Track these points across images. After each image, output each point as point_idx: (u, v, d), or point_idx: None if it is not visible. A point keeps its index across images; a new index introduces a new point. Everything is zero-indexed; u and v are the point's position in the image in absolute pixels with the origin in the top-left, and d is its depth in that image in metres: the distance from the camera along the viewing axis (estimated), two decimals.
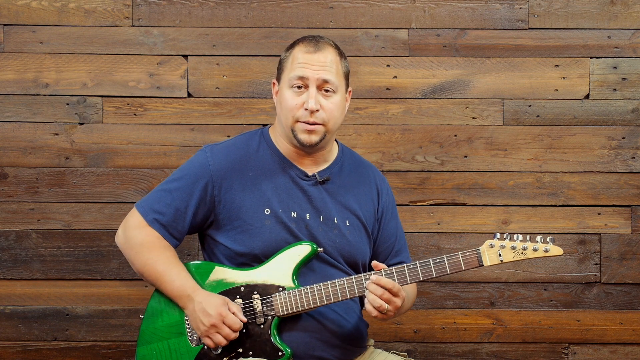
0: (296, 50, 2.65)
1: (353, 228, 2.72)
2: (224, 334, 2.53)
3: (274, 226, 2.64)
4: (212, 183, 2.67)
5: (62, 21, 3.45)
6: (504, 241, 2.52)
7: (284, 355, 2.56)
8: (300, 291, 2.57)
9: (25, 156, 3.45)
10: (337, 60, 2.66)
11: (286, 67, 2.66)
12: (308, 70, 2.61)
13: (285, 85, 2.65)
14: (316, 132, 2.63)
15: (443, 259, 2.54)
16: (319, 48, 2.63)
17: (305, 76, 2.61)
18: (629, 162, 3.47)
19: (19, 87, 3.44)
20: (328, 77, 2.62)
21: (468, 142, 3.47)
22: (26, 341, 3.47)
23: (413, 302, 2.82)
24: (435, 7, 3.47)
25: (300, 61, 2.62)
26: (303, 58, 2.62)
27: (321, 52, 2.63)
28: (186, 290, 2.59)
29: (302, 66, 2.62)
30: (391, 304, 2.51)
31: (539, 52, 3.47)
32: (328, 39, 2.69)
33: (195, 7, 3.45)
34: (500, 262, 2.52)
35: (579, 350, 3.49)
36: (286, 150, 2.71)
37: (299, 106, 2.62)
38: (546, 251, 2.51)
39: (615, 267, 3.47)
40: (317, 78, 2.61)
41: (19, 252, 3.45)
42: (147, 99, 3.46)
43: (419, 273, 2.54)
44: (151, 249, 2.66)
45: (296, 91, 2.62)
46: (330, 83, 2.62)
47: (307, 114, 2.61)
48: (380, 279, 2.51)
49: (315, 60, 2.62)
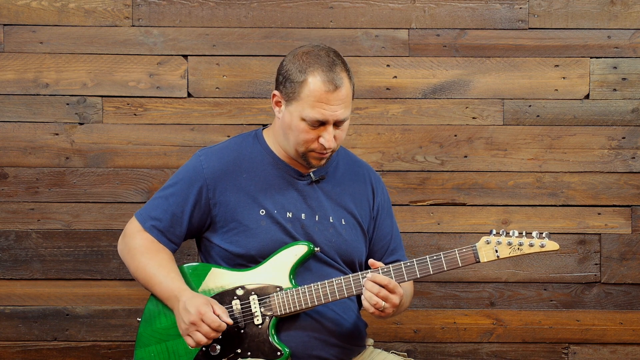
0: (313, 83, 2.54)
1: (349, 227, 2.72)
2: (203, 331, 2.51)
3: (270, 227, 2.64)
4: (206, 186, 2.67)
5: (62, 21, 3.45)
6: (500, 237, 2.51)
7: (283, 355, 2.56)
8: (298, 291, 2.57)
9: (25, 156, 3.45)
10: (350, 89, 2.58)
11: (299, 97, 2.56)
12: (328, 113, 2.54)
13: (297, 115, 2.57)
14: (327, 157, 2.63)
15: (440, 256, 2.54)
16: (336, 84, 2.53)
17: (326, 120, 2.55)
18: (629, 162, 3.47)
19: (19, 87, 3.45)
20: (345, 115, 2.57)
21: (468, 142, 3.47)
22: (26, 341, 3.47)
23: (411, 301, 2.82)
24: (435, 7, 3.47)
25: (319, 100, 2.53)
26: (322, 98, 2.53)
27: (339, 89, 2.54)
28: (173, 291, 2.59)
29: (322, 107, 2.53)
30: (388, 301, 2.50)
31: (539, 52, 3.47)
32: (340, 62, 2.58)
33: (195, 7, 3.45)
34: (497, 258, 2.51)
35: (579, 350, 3.49)
36: (282, 154, 2.70)
37: (314, 140, 2.58)
38: (542, 246, 2.49)
39: (615, 267, 3.47)
40: (335, 118, 2.56)
41: (19, 252, 3.45)
42: (147, 99, 3.46)
43: (416, 270, 2.54)
44: (144, 252, 2.68)
45: (313, 126, 2.57)
46: (346, 117, 2.59)
47: (321, 147, 2.58)
48: (376, 276, 2.51)
49: (334, 100, 2.54)
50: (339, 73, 2.56)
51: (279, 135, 2.68)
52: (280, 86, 2.62)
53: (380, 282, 2.50)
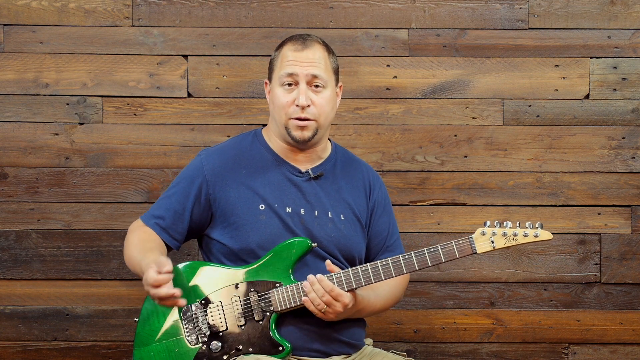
0: (285, 48, 2.72)
1: (348, 222, 2.74)
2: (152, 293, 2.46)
3: (270, 221, 2.67)
4: (206, 182, 2.72)
5: (62, 21, 3.45)
6: (495, 228, 2.58)
7: (284, 350, 2.57)
8: (298, 286, 2.59)
9: (25, 156, 3.45)
10: (325, 56, 2.71)
11: (276, 66, 2.72)
12: (297, 67, 2.67)
13: (276, 84, 2.71)
14: (308, 127, 2.68)
15: (437, 248, 2.58)
16: (306, 45, 2.69)
17: (295, 73, 2.67)
18: (629, 162, 3.47)
19: (19, 87, 3.45)
20: (317, 72, 2.67)
21: (468, 142, 3.47)
22: (26, 341, 3.47)
23: (396, 300, 2.83)
24: (435, 7, 3.47)
25: (289, 59, 2.68)
26: (292, 56, 2.68)
27: (309, 49, 2.69)
28: (142, 267, 2.56)
29: (291, 63, 2.67)
30: (331, 307, 2.54)
31: (539, 52, 3.47)
32: (316, 37, 2.75)
33: (195, 7, 3.46)
34: (493, 249, 2.58)
35: (579, 350, 3.49)
36: (280, 149, 2.76)
37: (290, 103, 2.68)
38: (536, 236, 2.57)
39: (615, 267, 3.47)
40: (306, 74, 2.67)
41: (19, 252, 3.45)
42: (147, 99, 3.46)
43: (414, 262, 2.58)
44: (137, 243, 2.70)
45: (287, 89, 2.68)
46: (320, 78, 2.68)
47: (298, 110, 2.67)
48: (322, 278, 2.54)
49: (304, 57, 2.68)
50: (310, 40, 2.71)
51: (271, 123, 2.76)
52: (268, 74, 2.78)
53: (325, 287, 2.53)
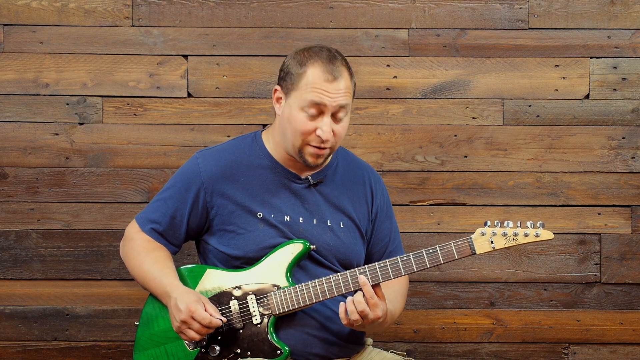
0: (313, 72, 2.56)
1: (347, 230, 2.71)
2: (195, 329, 2.52)
3: (267, 230, 2.64)
4: (203, 190, 2.68)
5: (62, 21, 3.45)
6: (495, 228, 2.51)
7: (283, 354, 2.56)
8: (296, 289, 2.57)
9: (25, 156, 3.45)
10: (350, 83, 2.59)
11: (298, 86, 2.57)
12: (325, 98, 2.54)
13: (296, 105, 2.57)
14: (324, 155, 2.62)
15: (436, 249, 2.53)
16: (336, 76, 2.55)
17: (323, 103, 2.54)
18: (629, 162, 3.46)
19: (19, 87, 3.45)
20: (344, 102, 2.56)
21: (468, 142, 3.47)
22: (26, 341, 3.47)
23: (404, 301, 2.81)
24: (435, 7, 3.47)
25: (317, 87, 2.54)
26: (321, 85, 2.54)
27: (338, 80, 2.55)
28: (165, 287, 2.60)
29: (319, 92, 2.54)
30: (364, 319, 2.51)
31: (539, 52, 3.46)
32: (340, 57, 2.61)
33: (195, 7, 3.46)
34: (492, 249, 2.51)
35: (579, 350, 3.49)
36: (281, 157, 2.70)
37: (311, 131, 2.57)
38: (537, 236, 2.50)
39: (615, 267, 3.47)
40: (334, 106, 2.56)
41: (19, 252, 3.46)
42: (147, 99, 3.46)
43: (413, 264, 2.54)
44: (141, 251, 2.70)
45: (309, 114, 2.56)
46: (345, 107, 2.58)
47: (318, 140, 2.57)
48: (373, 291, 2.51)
49: (333, 89, 2.54)
50: (338, 66, 2.57)
51: (278, 134, 2.68)
52: (281, 81, 2.64)
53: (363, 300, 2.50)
